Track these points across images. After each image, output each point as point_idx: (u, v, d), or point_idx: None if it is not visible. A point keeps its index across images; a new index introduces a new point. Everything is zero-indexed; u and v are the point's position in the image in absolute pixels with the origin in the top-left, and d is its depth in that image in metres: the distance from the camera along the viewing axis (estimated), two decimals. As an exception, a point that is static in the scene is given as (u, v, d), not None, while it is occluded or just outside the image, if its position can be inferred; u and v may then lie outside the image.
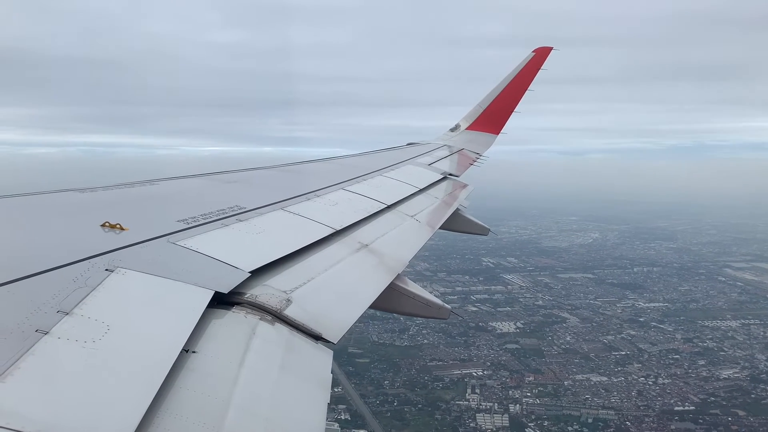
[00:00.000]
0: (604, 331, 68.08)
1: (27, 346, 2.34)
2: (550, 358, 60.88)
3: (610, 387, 54.58)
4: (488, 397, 52.58)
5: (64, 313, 2.69)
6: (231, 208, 5.12)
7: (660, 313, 74.36)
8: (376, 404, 51.48)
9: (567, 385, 55.07)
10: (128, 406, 2.23)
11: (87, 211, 4.56)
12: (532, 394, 53.39)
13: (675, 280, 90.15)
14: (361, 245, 5.38)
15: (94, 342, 2.54)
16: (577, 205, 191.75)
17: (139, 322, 2.93)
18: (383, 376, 56.54)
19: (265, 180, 7.71)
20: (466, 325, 68.76)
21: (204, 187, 6.52)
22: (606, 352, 62.16)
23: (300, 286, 4.01)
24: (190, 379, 2.61)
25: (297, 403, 2.87)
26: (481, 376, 56.72)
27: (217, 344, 2.98)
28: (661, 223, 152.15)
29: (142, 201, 5.41)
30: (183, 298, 3.25)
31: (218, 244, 4.14)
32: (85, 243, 3.64)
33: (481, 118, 16.63)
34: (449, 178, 10.71)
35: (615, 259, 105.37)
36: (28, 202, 4.69)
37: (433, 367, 58.47)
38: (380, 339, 64.07)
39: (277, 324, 3.40)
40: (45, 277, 3.04)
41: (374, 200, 7.03)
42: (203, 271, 3.63)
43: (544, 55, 16.45)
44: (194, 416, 2.40)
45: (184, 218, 4.54)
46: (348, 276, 4.66)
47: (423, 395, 53.08)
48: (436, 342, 64.28)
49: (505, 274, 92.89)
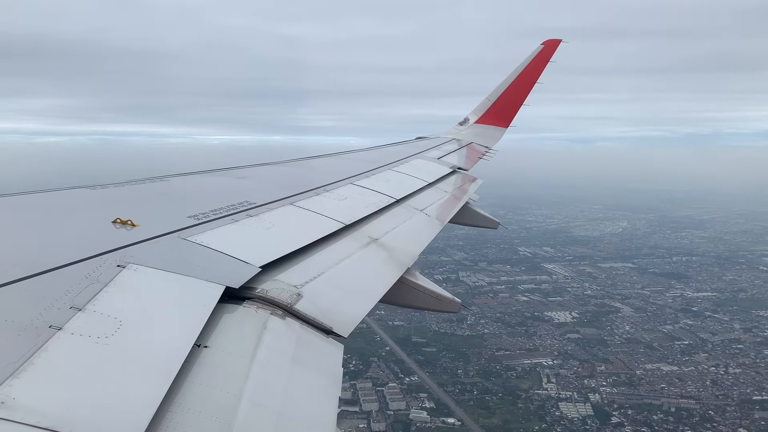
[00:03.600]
0: (661, 321, 68.64)
1: (41, 342, 2.36)
2: (614, 348, 61.39)
3: (683, 376, 54.95)
4: (565, 387, 53.17)
5: (77, 309, 2.71)
6: (241, 204, 5.14)
7: (711, 303, 74.72)
8: (456, 393, 52.23)
9: (639, 374, 55.50)
10: (141, 401, 2.24)
11: (98, 208, 4.59)
12: (607, 383, 53.88)
13: (716, 269, 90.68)
14: (371, 240, 5.38)
15: (106, 338, 2.56)
16: (596, 194, 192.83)
17: (151, 317, 2.95)
18: (455, 365, 57.31)
19: (274, 175, 7.72)
20: (522, 315, 70.01)
21: (214, 183, 6.54)
22: (668, 342, 62.64)
23: (310, 280, 4.01)
24: (202, 374, 2.62)
25: (309, 397, 2.88)
26: (552, 365, 57.35)
27: (228, 339, 2.99)
28: (686, 211, 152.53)
29: (152, 197, 5.43)
30: (194, 293, 3.26)
31: (229, 240, 4.16)
32: (96, 239, 3.67)
33: (490, 111, 16.55)
34: (458, 171, 10.67)
35: (651, 248, 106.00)
36: (41, 200, 4.73)
37: (501, 356, 59.23)
38: (440, 328, 64.96)
39: (287, 318, 3.41)
40: (58, 273, 3.07)
41: (383, 194, 7.02)
42: (214, 266, 3.65)
43: (553, 47, 16.32)
44: (207, 410, 2.41)
45: (194, 214, 4.55)
46: (358, 270, 4.66)
47: (499, 384, 53.81)
48: (497, 332, 65.14)
49: (545, 263, 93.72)
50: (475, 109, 16.94)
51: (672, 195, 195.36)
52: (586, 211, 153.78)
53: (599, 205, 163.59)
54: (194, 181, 6.55)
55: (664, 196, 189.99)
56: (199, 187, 6.30)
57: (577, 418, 48.15)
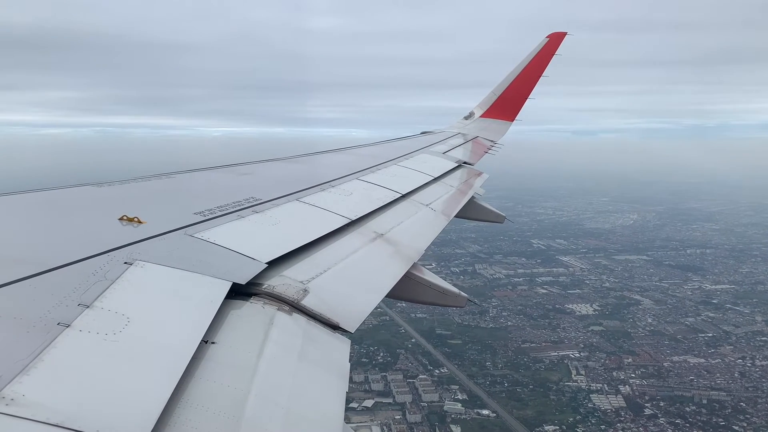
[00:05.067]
0: (682, 313, 68.73)
1: (49, 339, 2.38)
2: (638, 340, 61.56)
3: (711, 369, 55.02)
4: (595, 378, 53.42)
5: (85, 306, 2.72)
6: (247, 200, 5.14)
7: (730, 296, 74.74)
8: (486, 385, 52.59)
9: (667, 366, 55.68)
10: (149, 397, 2.25)
11: (105, 206, 4.61)
12: (636, 375, 54.03)
13: (732, 262, 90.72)
14: (377, 235, 5.38)
15: (114, 334, 2.57)
16: (602, 186, 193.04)
17: (159, 314, 2.95)
18: (482, 357, 57.69)
19: (279, 171, 7.72)
20: (543, 307, 70.38)
21: (219, 179, 6.55)
22: (692, 334, 62.76)
23: (317, 276, 4.02)
24: (209, 370, 2.63)
25: (316, 392, 2.88)
26: (579, 357, 57.63)
27: (235, 335, 3.00)
28: (695, 204, 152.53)
29: (158, 194, 5.45)
30: (201, 289, 3.27)
31: (235, 236, 4.16)
32: (103, 237, 3.68)
33: (495, 105, 16.48)
34: (464, 166, 10.64)
35: (663, 240, 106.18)
36: (48, 198, 4.75)
37: (527, 348, 59.49)
38: (463, 320, 65.47)
39: (294, 314, 3.42)
40: (65, 270, 3.08)
41: (389, 189, 7.01)
42: (221, 262, 3.65)
43: (558, 40, 16.24)
44: (214, 406, 2.42)
45: (200, 210, 4.56)
46: (364, 265, 4.66)
47: (528, 376, 54.07)
48: (520, 324, 65.49)
49: (559, 256, 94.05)
50: (481, 102, 16.88)
51: (678, 187, 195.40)
52: (595, 203, 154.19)
53: (607, 198, 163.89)
54: (200, 177, 6.57)
55: (670, 188, 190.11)
56: (205, 184, 6.31)
57: (610, 410, 48.35)
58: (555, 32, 16.47)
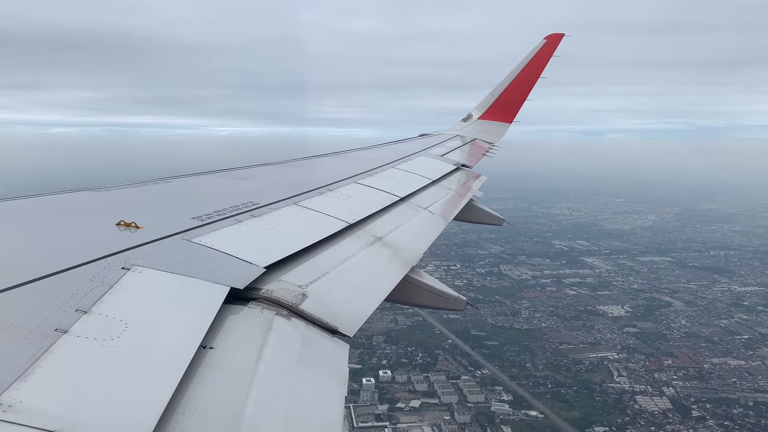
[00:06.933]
0: (715, 315, 68.82)
1: (47, 345, 2.37)
2: (675, 342, 61.66)
3: (752, 371, 55.03)
4: (637, 380, 53.47)
5: (83, 312, 2.71)
6: (244, 204, 5.14)
7: (761, 297, 75.00)
8: (530, 386, 52.66)
9: (708, 368, 55.68)
10: (147, 402, 2.25)
11: (102, 210, 4.60)
12: (678, 377, 54.12)
13: (757, 263, 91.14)
14: (375, 238, 5.37)
15: (112, 340, 2.56)
16: (614, 187, 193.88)
17: (157, 319, 2.95)
18: (521, 359, 57.76)
19: (277, 175, 7.71)
20: (574, 308, 70.73)
21: (217, 184, 6.54)
22: (728, 336, 62.81)
23: (315, 280, 4.01)
24: (208, 375, 2.62)
25: (315, 397, 2.88)
26: (618, 359, 57.68)
27: (234, 340, 2.99)
28: (711, 205, 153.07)
29: (156, 199, 5.44)
30: (199, 294, 3.26)
31: (233, 240, 4.16)
32: (101, 242, 3.67)
33: (494, 107, 16.50)
34: (462, 168, 10.65)
35: (685, 242, 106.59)
36: (45, 203, 4.74)
37: (565, 350, 59.62)
38: (497, 321, 65.67)
39: (293, 318, 3.41)
40: (63, 276, 3.07)
41: (387, 193, 7.01)
42: (219, 267, 3.65)
43: (555, 41, 16.26)
44: (213, 411, 2.41)
45: (198, 215, 4.56)
46: (362, 269, 4.65)
47: (570, 377, 54.24)
48: (555, 325, 65.69)
49: (583, 257, 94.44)
50: (479, 105, 16.89)
51: (689, 188, 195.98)
52: (610, 204, 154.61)
53: (621, 198, 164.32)
54: (197, 181, 6.56)
55: (683, 189, 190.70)
56: (203, 188, 6.30)
57: (657, 412, 48.38)
58: (552, 33, 16.50)
